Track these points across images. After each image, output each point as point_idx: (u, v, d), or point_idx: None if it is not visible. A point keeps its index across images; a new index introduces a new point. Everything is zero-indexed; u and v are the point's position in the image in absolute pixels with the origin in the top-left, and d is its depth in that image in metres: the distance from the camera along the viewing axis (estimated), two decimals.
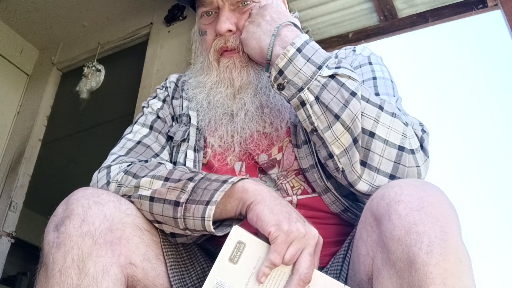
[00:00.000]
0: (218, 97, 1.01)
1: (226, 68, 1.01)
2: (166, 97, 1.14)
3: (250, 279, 0.70)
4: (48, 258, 0.73)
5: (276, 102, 1.00)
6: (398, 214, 0.66)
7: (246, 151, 0.99)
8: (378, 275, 0.68)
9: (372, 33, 2.77)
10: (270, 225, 0.70)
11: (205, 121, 1.03)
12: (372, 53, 1.08)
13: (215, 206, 0.75)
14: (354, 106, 0.81)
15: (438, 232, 0.63)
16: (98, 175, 0.93)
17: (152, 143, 1.03)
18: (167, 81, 1.19)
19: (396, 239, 0.64)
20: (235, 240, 0.71)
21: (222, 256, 0.71)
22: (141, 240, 0.80)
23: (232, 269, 0.70)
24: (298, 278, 0.69)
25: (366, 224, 0.74)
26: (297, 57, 0.86)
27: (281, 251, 0.69)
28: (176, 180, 0.82)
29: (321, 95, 0.83)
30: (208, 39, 1.04)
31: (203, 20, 1.06)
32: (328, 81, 0.84)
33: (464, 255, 0.63)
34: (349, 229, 0.91)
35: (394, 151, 0.80)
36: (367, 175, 0.80)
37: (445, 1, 2.54)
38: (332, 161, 0.84)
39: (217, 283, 0.69)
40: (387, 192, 0.71)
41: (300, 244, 0.70)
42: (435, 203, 0.66)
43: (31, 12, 2.92)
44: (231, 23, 1.00)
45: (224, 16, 1.00)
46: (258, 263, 0.70)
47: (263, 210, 0.73)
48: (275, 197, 0.77)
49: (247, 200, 0.76)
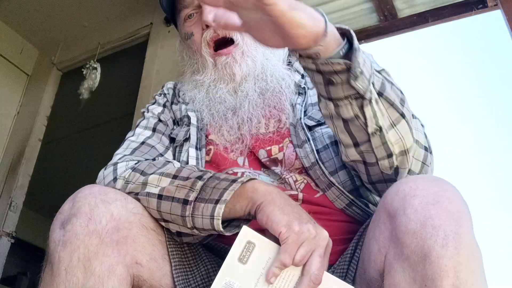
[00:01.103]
0: (220, 94, 1.01)
1: (226, 65, 1.02)
2: (165, 102, 1.15)
3: (259, 279, 0.69)
4: (54, 256, 0.72)
5: (274, 85, 1.01)
6: (413, 208, 0.66)
7: (247, 147, 1.00)
8: (390, 269, 0.68)
9: (372, 33, 2.77)
10: (281, 226, 0.70)
11: (207, 119, 1.03)
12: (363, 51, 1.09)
13: (224, 205, 0.74)
14: (407, 106, 0.79)
15: (454, 226, 0.63)
16: (104, 172, 0.92)
17: (156, 144, 1.03)
18: (165, 88, 1.20)
19: (411, 233, 0.65)
20: (245, 240, 0.71)
21: (231, 256, 0.70)
22: (147, 240, 0.79)
23: (241, 269, 0.69)
24: (309, 279, 0.68)
25: (379, 222, 0.74)
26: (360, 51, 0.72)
27: (292, 252, 0.68)
28: (184, 178, 0.82)
29: (384, 90, 0.76)
30: (196, 38, 1.06)
31: (187, 23, 1.08)
32: (382, 77, 0.77)
33: (476, 250, 0.64)
34: (355, 226, 0.91)
35: (422, 152, 0.83)
36: None
37: (445, 1, 2.55)
38: (388, 161, 0.81)
39: (226, 283, 0.69)
40: (402, 187, 0.71)
41: (311, 245, 0.70)
42: (450, 198, 0.67)
43: (31, 12, 2.92)
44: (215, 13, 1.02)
45: (207, 8, 1.02)
46: (267, 264, 0.70)
47: (274, 210, 0.72)
48: (285, 198, 0.76)
49: (257, 200, 0.75)
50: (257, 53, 1.03)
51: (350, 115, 0.76)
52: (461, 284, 0.60)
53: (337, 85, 0.72)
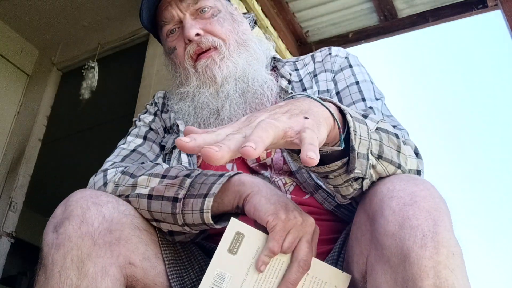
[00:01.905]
0: (203, 98, 1.03)
1: (206, 68, 1.03)
2: (156, 111, 1.17)
3: (249, 269, 0.70)
4: (47, 259, 0.73)
5: (256, 88, 1.02)
6: (391, 209, 0.66)
7: None
8: (372, 271, 0.68)
9: (372, 33, 2.78)
10: (268, 215, 0.71)
11: (194, 127, 1.04)
12: (348, 54, 1.10)
13: (212, 198, 0.75)
14: (403, 147, 0.78)
15: (431, 225, 0.63)
16: (94, 178, 0.94)
17: (146, 152, 1.05)
18: (155, 97, 1.22)
19: (390, 234, 0.65)
20: (234, 231, 0.72)
21: (221, 247, 0.71)
22: (140, 240, 0.80)
23: (231, 259, 0.70)
24: (298, 265, 0.70)
25: (360, 224, 0.75)
26: (356, 124, 0.70)
27: (280, 239, 0.70)
28: (173, 177, 0.83)
29: (383, 152, 0.74)
30: (179, 52, 1.07)
31: (170, 38, 1.10)
32: (379, 137, 0.74)
33: (456, 248, 0.63)
34: (342, 226, 0.91)
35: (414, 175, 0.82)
36: None
37: (445, 1, 2.55)
38: None
39: (217, 274, 0.70)
40: (380, 189, 0.71)
41: (298, 232, 0.71)
42: (427, 197, 0.67)
43: (31, 12, 2.92)
44: (197, 28, 1.04)
45: (188, 23, 1.05)
46: (257, 253, 0.71)
47: (260, 200, 0.73)
48: (271, 188, 0.77)
49: (244, 193, 0.76)
50: (240, 59, 1.05)
51: (349, 192, 0.77)
52: (442, 284, 0.60)
53: (335, 178, 0.74)
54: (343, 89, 1.02)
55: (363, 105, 0.97)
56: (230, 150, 0.53)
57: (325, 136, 0.63)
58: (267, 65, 1.11)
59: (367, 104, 0.97)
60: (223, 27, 1.07)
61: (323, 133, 0.62)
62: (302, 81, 1.09)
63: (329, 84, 1.05)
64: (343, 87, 1.03)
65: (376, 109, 0.96)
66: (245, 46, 1.09)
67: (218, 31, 1.06)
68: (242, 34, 1.11)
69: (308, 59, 1.14)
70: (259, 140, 0.52)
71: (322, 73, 1.07)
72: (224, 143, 0.53)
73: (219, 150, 0.51)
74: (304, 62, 1.14)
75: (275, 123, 0.57)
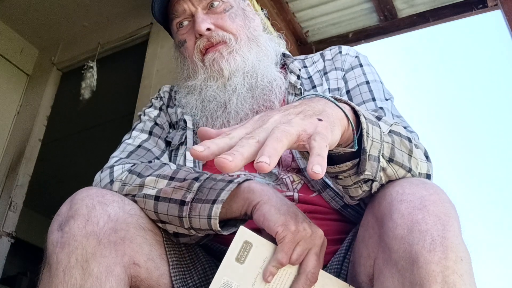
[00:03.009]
0: (210, 91, 1.03)
1: (213, 61, 1.03)
2: (161, 105, 1.16)
3: (256, 279, 0.70)
4: (52, 257, 0.72)
5: (265, 84, 1.02)
6: (400, 213, 0.66)
7: None
8: (379, 275, 0.68)
9: (372, 33, 2.78)
10: (277, 225, 0.70)
11: (202, 121, 1.04)
12: (359, 53, 1.10)
13: (221, 205, 0.75)
14: (415, 151, 0.78)
15: (440, 230, 0.63)
16: (101, 175, 0.93)
17: (152, 147, 1.04)
18: (161, 92, 1.21)
19: (399, 238, 0.65)
20: (242, 240, 0.71)
21: (228, 256, 0.70)
22: (144, 240, 0.80)
23: (239, 269, 0.70)
24: (305, 278, 0.69)
25: (368, 226, 0.74)
26: (369, 126, 0.69)
27: (289, 251, 0.69)
28: (181, 179, 0.82)
29: (394, 155, 0.74)
30: (189, 45, 1.07)
31: (181, 31, 1.10)
32: (391, 140, 0.74)
33: (464, 253, 0.63)
34: (349, 226, 0.91)
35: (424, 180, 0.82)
36: None
37: (445, 1, 2.55)
38: None
39: (224, 283, 0.69)
40: (389, 192, 0.71)
41: (307, 244, 0.71)
42: (436, 201, 0.67)
43: (31, 12, 2.92)
44: (208, 22, 1.04)
45: (199, 17, 1.05)
46: (264, 263, 0.71)
47: (270, 210, 0.72)
48: (281, 197, 0.77)
49: (253, 200, 0.75)
50: (250, 54, 1.05)
51: (358, 193, 0.77)
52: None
53: (345, 179, 0.73)
54: (354, 88, 1.03)
55: (373, 105, 0.97)
56: (244, 158, 0.53)
57: (338, 137, 0.63)
58: (276, 62, 1.11)
59: (377, 104, 0.97)
60: (234, 23, 1.07)
61: (337, 134, 0.62)
62: (311, 78, 1.09)
63: (339, 82, 1.05)
64: (354, 86, 1.03)
65: (386, 109, 0.96)
66: (256, 42, 1.09)
67: (229, 26, 1.06)
68: (254, 30, 1.11)
69: (317, 57, 1.14)
70: (274, 154, 0.52)
71: (333, 71, 1.07)
72: (238, 151, 0.53)
73: (232, 160, 0.52)
74: (313, 59, 1.14)
75: (289, 130, 0.56)
